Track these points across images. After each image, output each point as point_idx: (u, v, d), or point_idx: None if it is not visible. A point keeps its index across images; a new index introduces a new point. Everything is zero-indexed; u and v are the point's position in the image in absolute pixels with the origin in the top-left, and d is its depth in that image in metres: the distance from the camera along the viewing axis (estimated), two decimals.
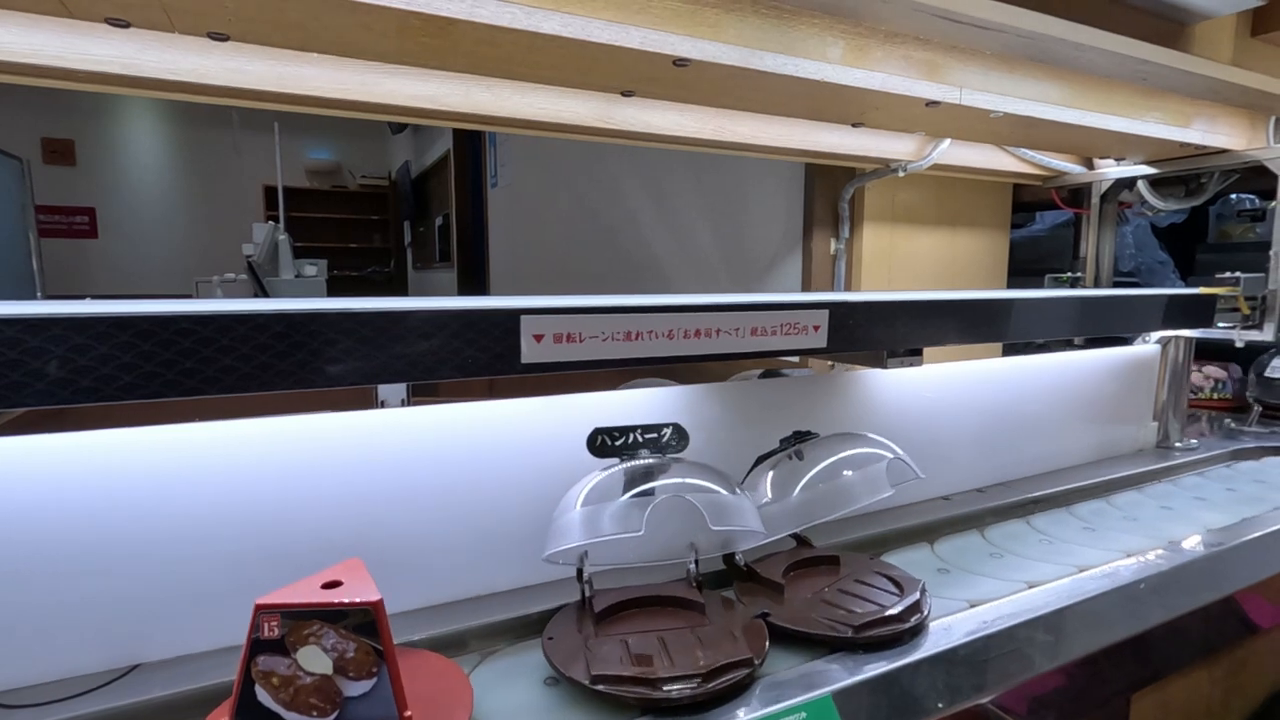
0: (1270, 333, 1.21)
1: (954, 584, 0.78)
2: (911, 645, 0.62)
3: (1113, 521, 0.98)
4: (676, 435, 0.68)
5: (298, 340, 0.53)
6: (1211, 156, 1.28)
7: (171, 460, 0.58)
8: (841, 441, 0.74)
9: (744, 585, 0.71)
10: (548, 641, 0.59)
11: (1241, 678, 0.88)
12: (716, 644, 0.59)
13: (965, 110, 0.94)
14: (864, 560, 0.76)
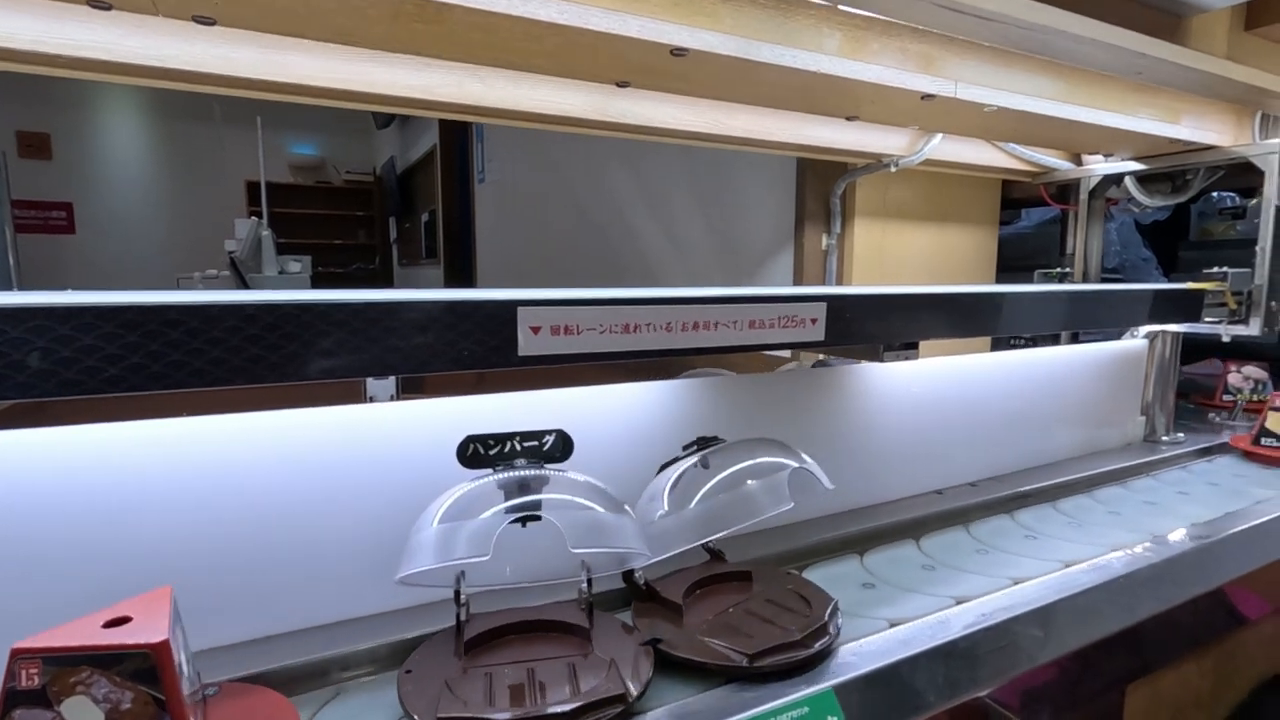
0: (1256, 327, 1.23)
1: (942, 581, 0.79)
2: (816, 673, 0.57)
3: (1097, 517, 0.98)
4: (560, 444, 0.62)
5: (290, 332, 0.51)
6: (1198, 153, 1.29)
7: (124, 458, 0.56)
8: (748, 449, 0.69)
9: (642, 606, 0.65)
10: (404, 675, 0.54)
11: (1230, 669, 0.89)
12: (592, 676, 0.54)
13: (960, 104, 0.94)
14: (779, 575, 0.71)
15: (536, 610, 0.63)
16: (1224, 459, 1.25)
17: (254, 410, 0.61)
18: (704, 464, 0.67)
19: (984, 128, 1.14)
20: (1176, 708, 0.84)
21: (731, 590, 0.69)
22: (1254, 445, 1.20)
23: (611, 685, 0.52)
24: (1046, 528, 0.94)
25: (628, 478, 0.78)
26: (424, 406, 0.68)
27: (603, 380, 0.77)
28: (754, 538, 0.84)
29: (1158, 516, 0.97)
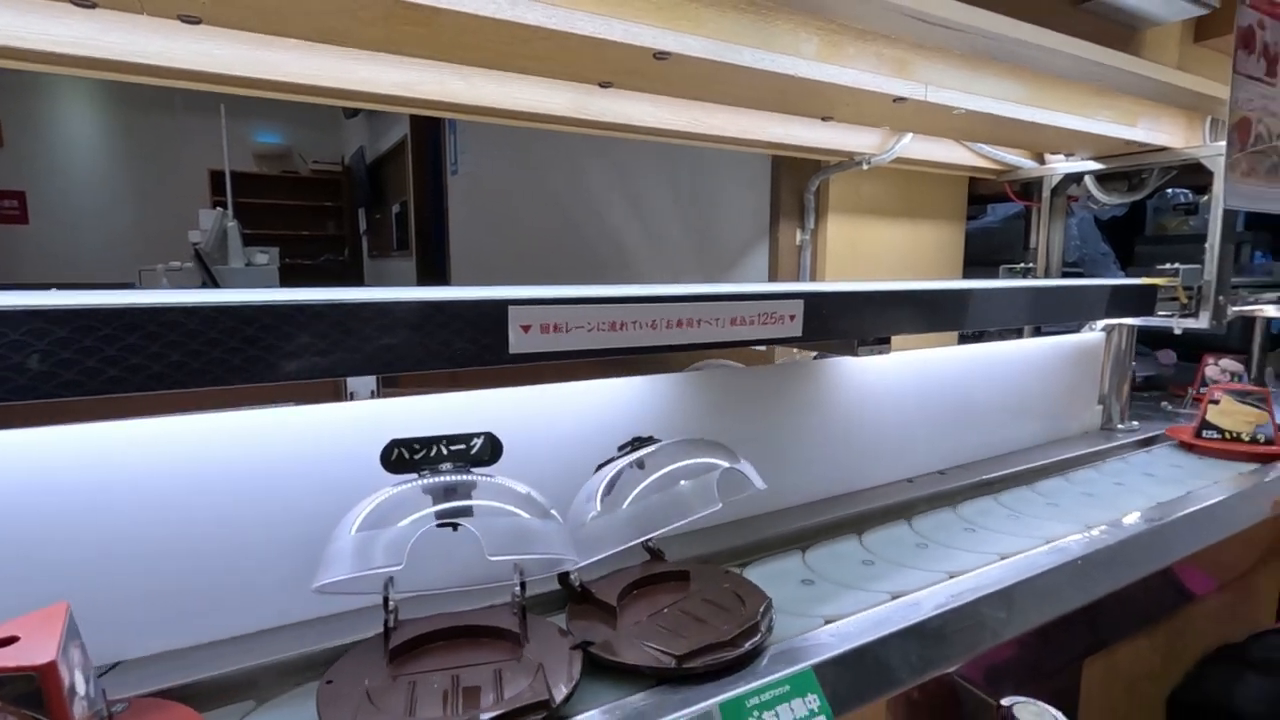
0: (1205, 321, 1.29)
1: (933, 558, 0.82)
2: (746, 673, 0.57)
3: (1070, 499, 1.03)
4: (489, 447, 0.61)
5: (287, 332, 0.52)
6: (1153, 154, 1.35)
7: (140, 457, 0.57)
8: (682, 449, 0.69)
9: (577, 608, 0.65)
10: (325, 686, 0.52)
11: (1180, 642, 0.95)
12: (518, 682, 0.53)
13: (930, 107, 0.97)
14: (716, 575, 0.71)
15: (467, 615, 0.61)
16: (1161, 449, 1.31)
17: (184, 411, 0.60)
18: (639, 464, 0.67)
19: (952, 128, 1.18)
20: (1130, 679, 0.89)
21: (668, 590, 0.68)
22: (1195, 438, 1.25)
23: (536, 690, 0.51)
24: (1025, 507, 0.99)
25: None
26: (369, 407, 0.67)
27: (594, 375, 0.79)
28: (723, 528, 0.88)
29: (1122, 500, 1.02)
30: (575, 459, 0.76)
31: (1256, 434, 1.20)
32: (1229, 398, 1.24)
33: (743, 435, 0.90)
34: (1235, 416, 1.22)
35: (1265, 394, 1.22)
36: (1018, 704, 0.65)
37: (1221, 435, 1.23)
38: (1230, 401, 1.23)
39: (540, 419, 0.76)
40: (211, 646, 0.60)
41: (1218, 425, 1.24)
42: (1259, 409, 1.21)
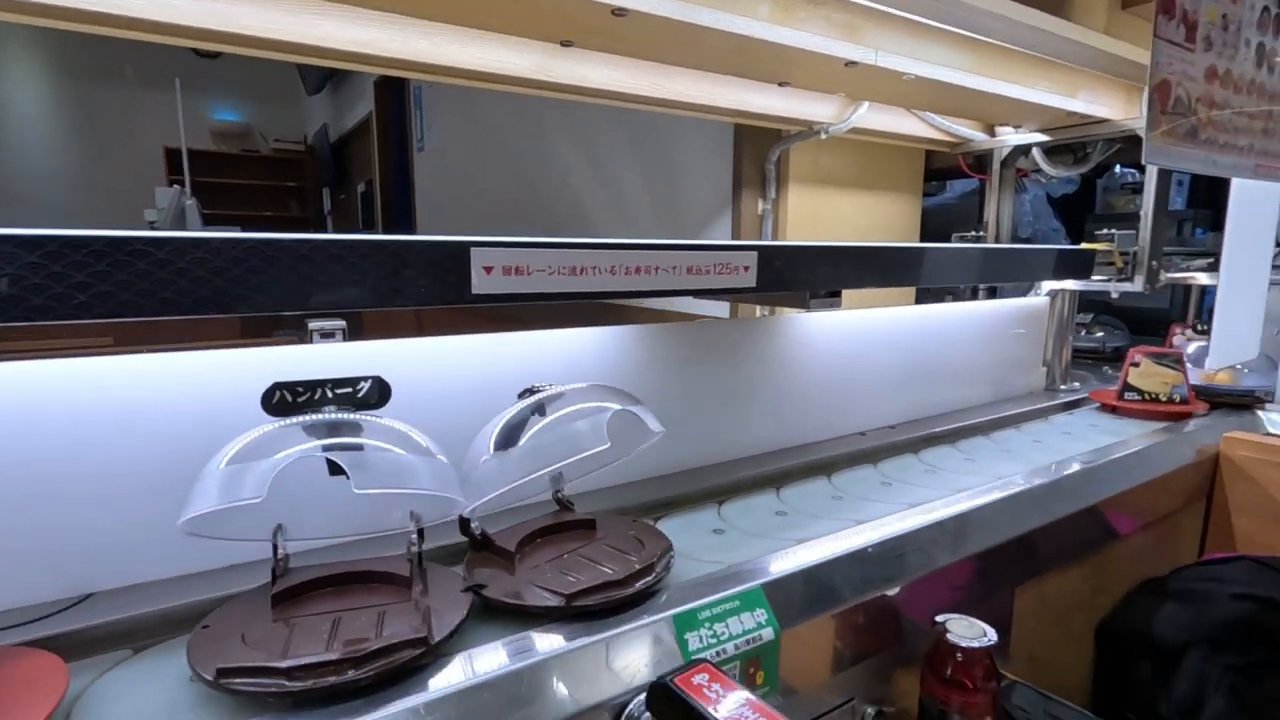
0: (1140, 284, 1.37)
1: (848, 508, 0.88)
2: (639, 611, 0.59)
3: (1021, 447, 1.09)
4: (377, 390, 0.60)
5: (255, 266, 0.54)
6: (1095, 125, 1.41)
7: (122, 391, 0.58)
8: (579, 395, 0.68)
9: (476, 556, 0.65)
10: (201, 631, 0.51)
11: (1105, 575, 1.02)
12: (400, 622, 0.53)
13: (880, 72, 1.01)
14: (624, 523, 0.71)
15: (360, 563, 0.61)
16: (1084, 411, 1.35)
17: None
18: (538, 410, 0.66)
19: (903, 95, 1.23)
20: (1061, 608, 0.96)
21: (572, 538, 0.69)
22: (1118, 400, 1.29)
23: (416, 628, 0.50)
24: (944, 462, 1.04)
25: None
26: (282, 352, 0.66)
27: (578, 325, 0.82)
28: (685, 475, 0.92)
29: (1025, 457, 1.06)
30: None
31: (1173, 394, 1.26)
32: (1148, 360, 1.28)
33: (697, 388, 0.94)
34: (1154, 378, 1.27)
35: (1179, 355, 1.27)
36: (951, 619, 0.70)
37: (1141, 396, 1.28)
38: (1149, 364, 1.27)
39: (494, 368, 0.79)
40: (97, 598, 0.59)
41: (1138, 387, 1.28)
42: (1175, 370, 1.26)
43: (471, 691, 0.49)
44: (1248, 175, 1.00)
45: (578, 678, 0.53)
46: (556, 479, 0.74)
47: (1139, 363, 1.28)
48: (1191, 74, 0.85)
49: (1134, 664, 0.97)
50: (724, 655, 0.59)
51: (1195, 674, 0.91)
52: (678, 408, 0.93)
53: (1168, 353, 1.28)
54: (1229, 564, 1.02)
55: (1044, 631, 0.94)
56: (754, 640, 0.61)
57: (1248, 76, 0.94)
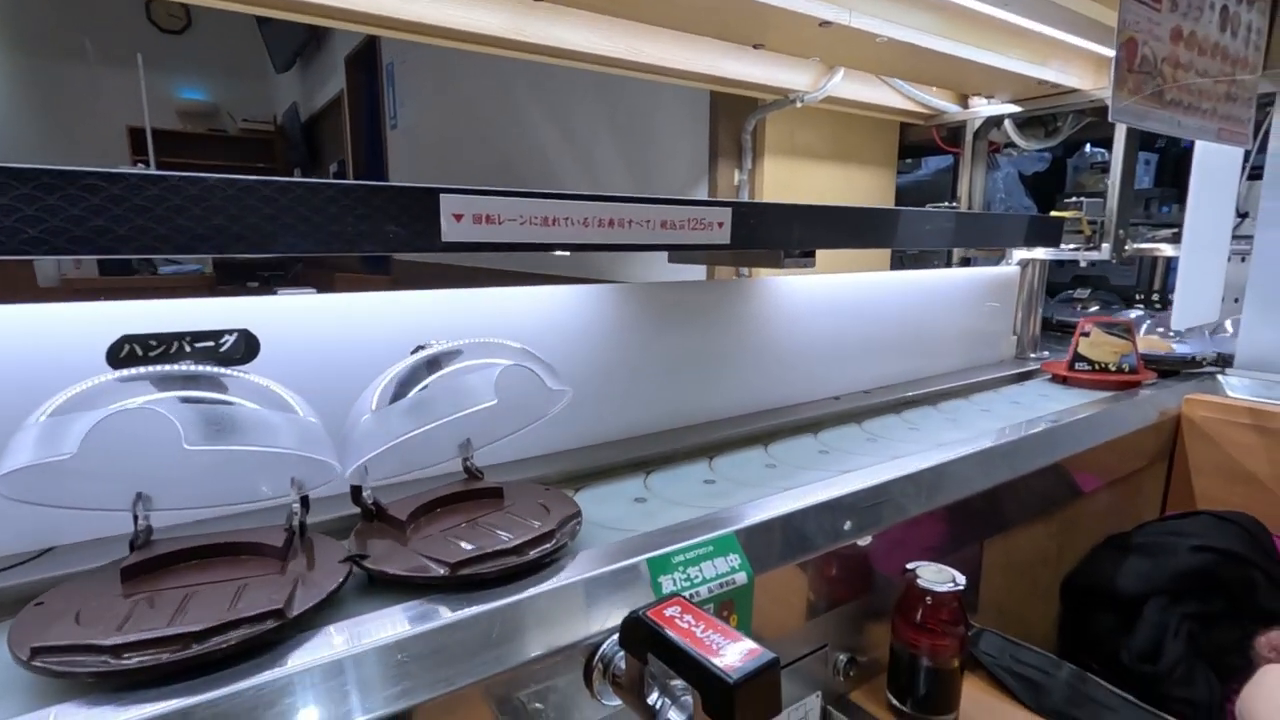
0: (1107, 252, 1.39)
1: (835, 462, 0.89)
2: (535, 579, 0.55)
3: (969, 416, 1.10)
4: (243, 344, 0.55)
5: (214, 205, 0.53)
6: (1065, 95, 1.43)
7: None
8: (480, 350, 0.64)
9: (367, 526, 0.61)
10: (33, 609, 0.46)
11: (1071, 532, 1.05)
12: (260, 595, 0.48)
13: (855, 33, 1.01)
14: (535, 491, 0.68)
15: (231, 533, 0.56)
16: (1036, 382, 1.34)
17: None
18: (427, 365, 0.61)
19: (877, 60, 1.23)
20: (1028, 563, 0.98)
21: (475, 507, 0.65)
22: (1069, 370, 1.28)
23: (273, 600, 0.46)
24: (887, 432, 1.05)
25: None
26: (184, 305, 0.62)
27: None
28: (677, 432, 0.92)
29: (971, 424, 1.05)
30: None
31: (1122, 364, 1.25)
32: (1098, 330, 1.27)
33: (676, 350, 0.94)
34: (1103, 348, 1.26)
35: (1129, 324, 1.27)
36: (921, 565, 0.72)
37: (1092, 366, 1.27)
38: (1099, 333, 1.26)
39: (455, 321, 0.78)
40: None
41: (1088, 357, 1.27)
42: (1124, 339, 1.26)
43: (331, 667, 0.45)
44: (1211, 138, 1.02)
45: (460, 652, 0.49)
46: (465, 446, 0.69)
47: (1089, 333, 1.28)
48: (1158, 34, 0.86)
49: (1097, 615, 1.00)
50: (698, 598, 0.60)
51: (1155, 623, 0.94)
52: (651, 369, 0.93)
53: (1117, 322, 1.28)
54: (1189, 518, 1.06)
55: (1011, 585, 0.96)
56: (727, 584, 0.61)
57: (1211, 39, 0.96)
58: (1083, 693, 0.74)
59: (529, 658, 0.51)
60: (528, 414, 0.70)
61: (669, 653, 0.45)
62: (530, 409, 0.70)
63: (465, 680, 0.48)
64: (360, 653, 0.46)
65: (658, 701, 0.48)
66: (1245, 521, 1.03)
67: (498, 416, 0.68)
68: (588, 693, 0.54)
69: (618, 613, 0.55)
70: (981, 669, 0.79)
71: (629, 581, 0.59)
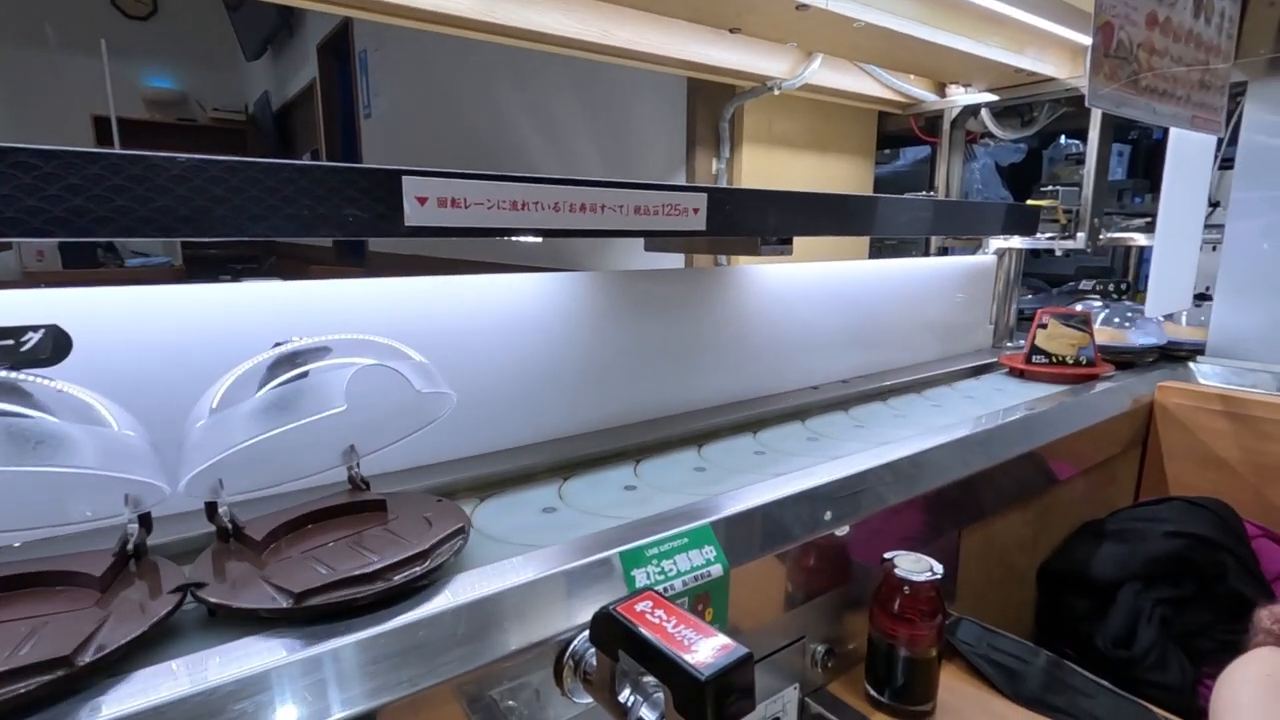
0: (1082, 241, 1.40)
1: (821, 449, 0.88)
2: (399, 609, 0.48)
3: (918, 412, 1.06)
4: (49, 343, 0.49)
5: (160, 185, 0.50)
6: (1041, 85, 1.43)
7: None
8: (346, 347, 0.56)
9: (220, 548, 0.53)
10: None
11: (1048, 519, 1.05)
12: (57, 638, 0.40)
13: (832, 17, 1.00)
14: (423, 503, 0.61)
15: (40, 562, 0.49)
16: (992, 376, 1.29)
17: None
18: (280, 364, 0.54)
19: (855, 46, 1.22)
20: (1004, 550, 0.98)
21: (353, 523, 0.58)
22: (1026, 363, 1.24)
23: (57, 646, 0.39)
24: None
25: (514, 369, 0.81)
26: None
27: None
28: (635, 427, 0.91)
29: (918, 421, 1.00)
30: (463, 349, 0.77)
31: (1079, 356, 1.21)
32: (1055, 321, 1.23)
33: (655, 339, 0.93)
34: (1061, 340, 1.22)
35: (1087, 316, 1.23)
36: (899, 555, 0.71)
37: (1049, 359, 1.22)
38: (1056, 325, 1.22)
39: (425, 311, 0.76)
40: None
41: (1045, 350, 1.23)
42: (1081, 331, 1.21)
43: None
44: (1185, 125, 1.02)
45: (293, 699, 0.42)
46: (349, 453, 0.62)
47: (1046, 324, 1.23)
48: (1134, 19, 0.86)
49: (1073, 601, 1.01)
50: (672, 591, 0.58)
51: (1129, 608, 0.94)
52: (630, 358, 0.91)
53: (1075, 313, 1.24)
54: (1162, 504, 1.06)
55: (989, 573, 0.96)
56: (702, 577, 0.60)
57: (1186, 26, 0.96)
58: (1059, 679, 0.74)
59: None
60: (415, 418, 0.62)
61: (639, 649, 0.43)
62: (419, 413, 0.62)
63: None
64: (169, 703, 0.39)
65: (629, 699, 0.46)
66: (1216, 506, 1.04)
67: (381, 422, 0.62)
68: (559, 691, 0.53)
69: (590, 608, 0.54)
70: (959, 657, 0.78)
71: (602, 575, 0.57)
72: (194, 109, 6.10)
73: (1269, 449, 1.12)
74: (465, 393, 0.78)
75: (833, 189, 1.77)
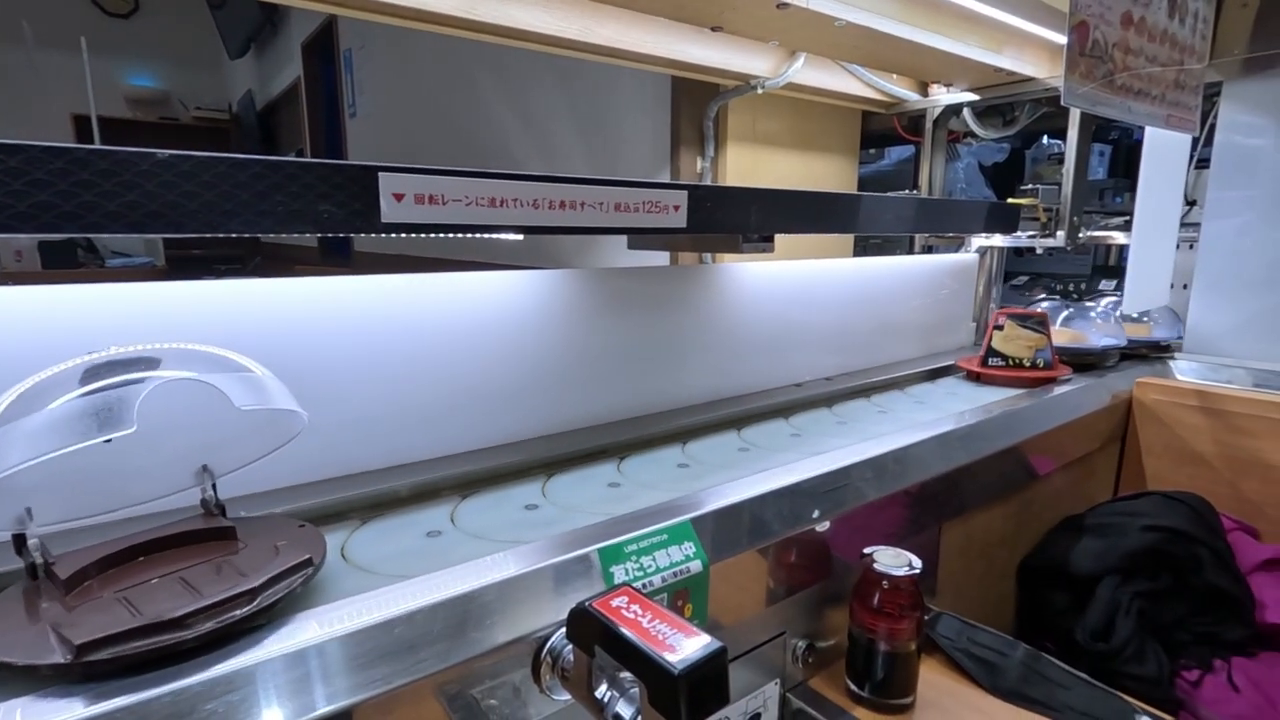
0: (1062, 239, 1.41)
1: (806, 445, 0.88)
2: (201, 663, 0.41)
3: (865, 416, 1.03)
4: None
5: (128, 181, 0.49)
6: (1021, 85, 1.44)
7: None
8: (176, 358, 0.50)
9: (32, 586, 0.47)
10: None
11: (1028, 514, 1.06)
12: None
13: (813, 16, 1.00)
14: (282, 529, 0.55)
15: None
16: (948, 380, 1.25)
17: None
18: (86, 375, 0.47)
19: (837, 45, 1.22)
20: (985, 544, 0.99)
21: (192, 554, 0.51)
22: (982, 366, 1.19)
23: None
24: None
25: (487, 369, 0.81)
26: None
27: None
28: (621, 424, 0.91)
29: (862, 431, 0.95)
30: (440, 350, 0.77)
31: (1036, 359, 1.17)
32: (1011, 323, 1.18)
33: (639, 336, 0.93)
34: (1017, 342, 1.17)
35: (1044, 317, 1.18)
36: (878, 550, 0.71)
37: (1005, 362, 1.18)
38: (1013, 327, 1.18)
39: (407, 309, 0.76)
40: None
41: (1001, 352, 1.18)
42: (1039, 333, 1.17)
43: None
44: (1160, 124, 1.03)
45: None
46: (202, 474, 0.55)
47: (1003, 325, 1.19)
48: (1109, 18, 0.87)
49: (1053, 595, 1.02)
50: (651, 588, 0.58)
51: (1107, 601, 0.96)
52: (614, 356, 0.91)
53: (1032, 314, 1.19)
54: (1140, 499, 1.08)
55: (970, 567, 0.97)
56: (682, 573, 0.60)
57: (1160, 26, 0.97)
58: (1037, 672, 0.75)
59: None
60: (269, 437, 0.56)
61: (615, 644, 0.43)
62: (274, 431, 0.56)
63: None
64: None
65: (605, 694, 0.46)
66: (1192, 501, 1.05)
67: (230, 441, 0.56)
68: (537, 688, 0.52)
69: (568, 604, 0.54)
70: (939, 651, 0.79)
71: (581, 572, 0.57)
72: (176, 108, 6.04)
73: (1243, 443, 1.14)
74: (448, 391, 0.78)
75: (817, 187, 1.78)
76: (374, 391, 0.73)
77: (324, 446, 0.70)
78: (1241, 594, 0.99)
